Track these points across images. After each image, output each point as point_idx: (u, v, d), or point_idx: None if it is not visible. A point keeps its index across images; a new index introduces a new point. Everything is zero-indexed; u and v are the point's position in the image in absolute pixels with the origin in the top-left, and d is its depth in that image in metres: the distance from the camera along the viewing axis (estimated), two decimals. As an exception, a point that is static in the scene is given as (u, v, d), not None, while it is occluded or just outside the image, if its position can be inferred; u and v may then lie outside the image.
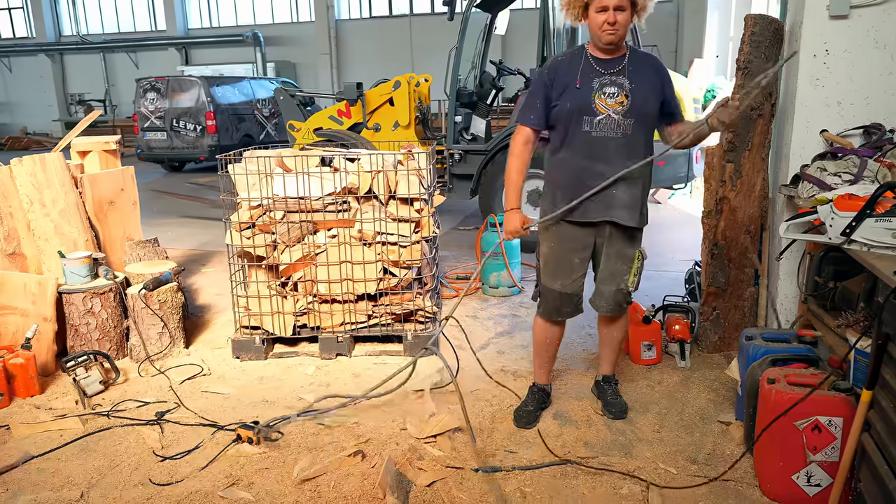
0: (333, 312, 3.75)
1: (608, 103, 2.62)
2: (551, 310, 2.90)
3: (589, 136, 2.65)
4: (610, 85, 2.63)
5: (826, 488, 2.30)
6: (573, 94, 2.64)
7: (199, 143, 12.82)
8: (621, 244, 2.79)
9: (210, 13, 23.18)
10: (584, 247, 2.81)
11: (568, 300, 2.86)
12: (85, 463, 2.75)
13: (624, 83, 2.63)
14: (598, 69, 2.65)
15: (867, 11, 3.07)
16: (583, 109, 2.63)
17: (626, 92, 2.62)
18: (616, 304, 2.89)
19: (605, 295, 2.88)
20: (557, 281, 2.84)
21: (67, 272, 3.70)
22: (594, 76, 2.64)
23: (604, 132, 2.64)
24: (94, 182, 4.23)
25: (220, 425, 3.00)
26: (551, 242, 2.83)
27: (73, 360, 3.31)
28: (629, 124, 2.63)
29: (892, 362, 1.93)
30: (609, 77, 2.63)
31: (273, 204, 3.67)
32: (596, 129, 2.64)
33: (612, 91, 2.62)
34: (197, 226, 7.86)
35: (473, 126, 6.92)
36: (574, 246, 2.80)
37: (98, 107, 21.13)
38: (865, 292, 2.63)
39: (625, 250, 2.80)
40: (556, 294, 2.85)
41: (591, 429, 2.93)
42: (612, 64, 2.65)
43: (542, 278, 2.89)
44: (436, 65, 9.09)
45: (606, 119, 2.63)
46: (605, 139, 2.64)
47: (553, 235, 2.82)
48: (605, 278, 2.86)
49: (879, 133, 3.09)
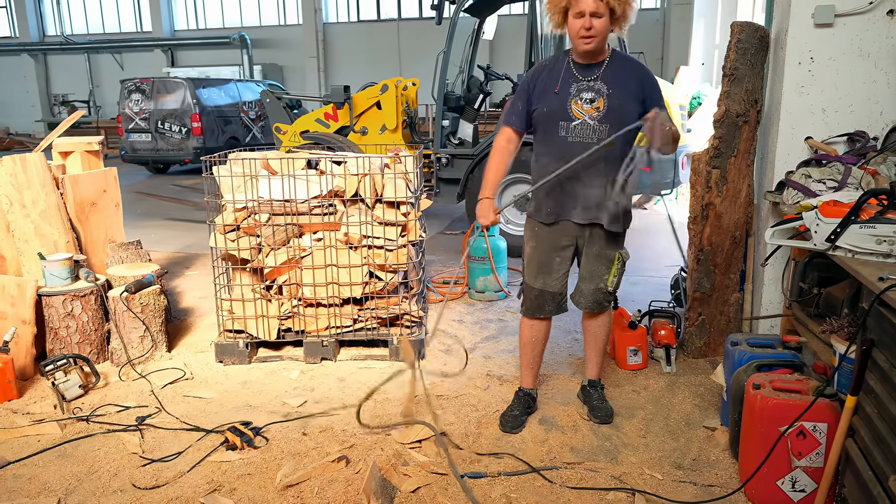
0: (318, 316, 3.72)
1: (584, 108, 2.65)
2: (534, 307, 2.94)
3: (565, 140, 2.68)
4: (587, 90, 2.66)
5: (810, 494, 2.30)
6: (550, 99, 2.68)
7: (184, 145, 12.73)
8: (601, 245, 2.84)
9: (196, 14, 23.06)
10: (565, 247, 2.86)
11: (550, 298, 2.91)
12: (63, 469, 2.69)
13: (602, 89, 2.65)
14: (577, 75, 2.68)
15: (851, 20, 3.09)
16: (559, 114, 2.67)
17: (603, 97, 2.64)
18: (595, 302, 2.95)
19: (585, 293, 2.95)
20: (539, 279, 2.89)
21: (47, 274, 3.64)
22: (573, 81, 2.67)
23: (579, 137, 2.67)
24: (76, 183, 4.18)
25: (207, 429, 2.96)
26: (533, 242, 2.90)
27: (52, 363, 3.26)
28: (605, 129, 2.65)
29: (876, 368, 1.94)
30: (587, 83, 2.66)
31: (258, 206, 3.64)
32: (571, 133, 2.67)
33: (590, 97, 2.65)
34: (181, 228, 7.78)
35: (461, 130, 6.93)
36: (555, 245, 2.86)
37: (82, 108, 20.91)
38: (850, 298, 2.64)
39: (605, 251, 2.85)
40: (538, 292, 2.91)
41: (576, 434, 2.92)
42: (591, 70, 2.68)
43: (526, 277, 2.95)
44: (423, 69, 9.09)
45: (582, 124, 2.66)
46: (581, 144, 2.66)
47: (535, 235, 2.88)
48: (585, 277, 2.93)
49: (863, 141, 3.12)
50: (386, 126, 7.02)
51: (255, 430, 2.92)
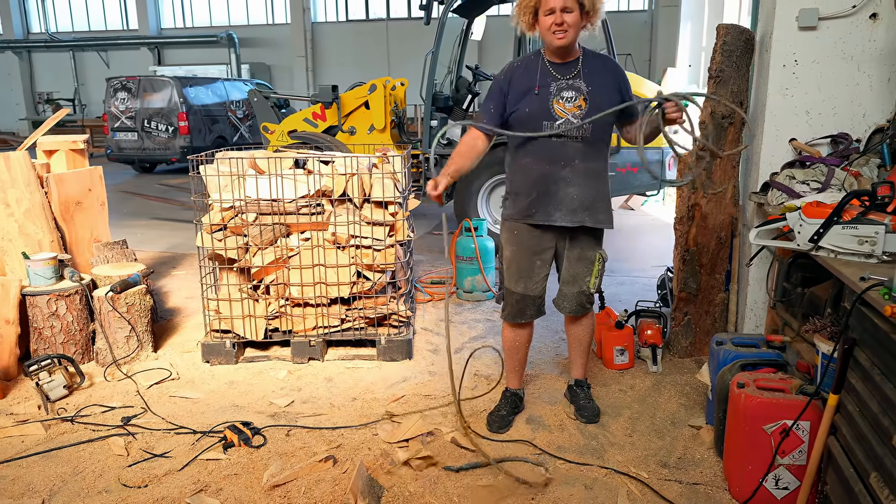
0: (306, 316, 3.71)
1: (566, 107, 2.64)
2: (515, 312, 2.92)
3: (549, 140, 2.67)
4: (567, 89, 2.65)
5: (793, 491, 2.33)
6: (531, 100, 2.67)
7: (170, 144, 12.64)
8: (581, 247, 2.84)
9: (183, 13, 22.90)
10: (545, 249, 2.85)
11: (531, 302, 2.90)
12: (47, 469, 2.67)
13: (581, 87, 2.66)
14: (554, 74, 2.67)
15: (835, 24, 3.13)
16: (542, 114, 2.66)
17: (583, 95, 2.65)
18: (579, 305, 2.95)
19: (568, 297, 2.94)
20: (520, 284, 2.87)
21: (32, 274, 3.61)
22: (551, 80, 2.67)
23: (563, 136, 2.67)
24: (61, 182, 4.14)
25: (192, 429, 2.95)
26: (513, 246, 2.85)
27: (37, 363, 3.23)
28: (588, 127, 2.66)
29: (857, 367, 1.97)
30: (566, 81, 2.66)
31: (245, 206, 3.62)
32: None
33: (570, 95, 2.65)
34: (167, 228, 7.73)
35: (449, 131, 6.92)
36: (535, 249, 2.83)
37: (67, 106, 20.73)
38: (832, 298, 2.67)
39: (586, 253, 2.85)
40: (518, 296, 2.89)
41: (563, 433, 2.94)
42: (567, 68, 2.68)
43: (506, 281, 2.92)
44: (412, 69, 9.09)
45: (565, 123, 2.65)
46: (565, 142, 2.67)
47: (515, 239, 2.84)
48: (567, 280, 2.91)
49: (846, 143, 3.15)
50: (374, 126, 7.01)
51: (255, 429, 2.90)
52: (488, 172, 6.06)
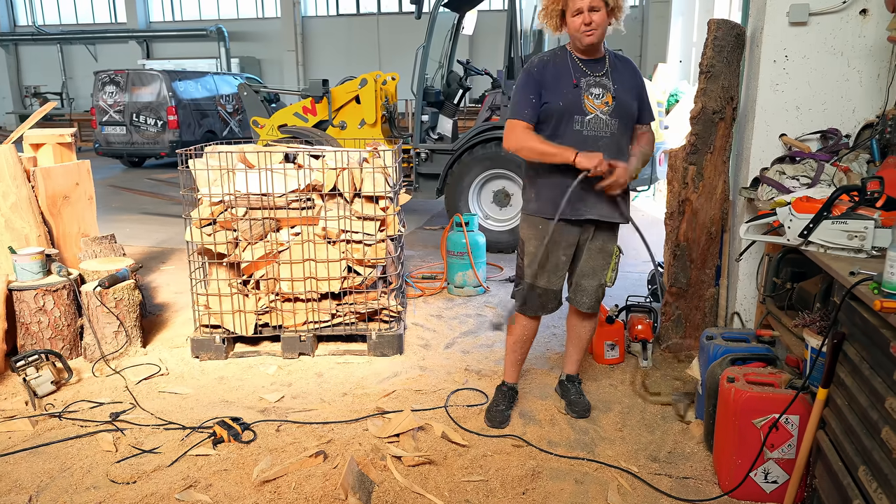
0: (296, 311, 3.69)
1: (595, 104, 2.67)
2: (537, 306, 2.92)
3: (580, 134, 2.68)
4: (595, 86, 2.69)
5: (783, 484, 2.34)
6: (565, 94, 2.67)
7: (159, 138, 12.55)
8: (603, 240, 2.86)
9: (172, 6, 22.71)
10: (570, 244, 2.85)
11: (553, 296, 2.92)
12: (34, 466, 2.65)
13: (608, 84, 2.69)
14: (584, 70, 2.70)
15: (825, 19, 3.14)
16: (574, 108, 2.67)
17: (611, 93, 2.68)
18: (596, 301, 2.96)
19: (588, 291, 2.92)
20: (544, 278, 2.87)
21: (18, 269, 3.57)
22: (582, 76, 2.69)
23: (594, 131, 2.69)
24: (48, 176, 4.10)
25: (182, 424, 2.93)
26: (538, 241, 2.82)
27: (24, 359, 3.20)
28: (615, 124, 2.69)
29: (847, 361, 1.98)
30: (594, 78, 2.69)
31: (235, 200, 3.60)
32: (586, 128, 2.68)
33: (598, 92, 2.68)
34: (156, 223, 7.68)
35: (440, 125, 6.91)
36: (561, 243, 2.83)
37: (55, 100, 20.51)
38: (822, 293, 2.68)
39: (606, 245, 2.87)
40: (541, 290, 2.89)
41: (554, 427, 2.94)
42: (595, 65, 2.71)
43: (528, 276, 2.88)
44: (403, 63, 9.07)
45: (595, 119, 2.68)
46: (596, 138, 2.69)
47: (540, 234, 2.81)
48: (587, 273, 2.90)
49: (836, 138, 3.17)
50: (365, 120, 6.98)
51: (245, 425, 2.89)
52: (479, 167, 6.05)
